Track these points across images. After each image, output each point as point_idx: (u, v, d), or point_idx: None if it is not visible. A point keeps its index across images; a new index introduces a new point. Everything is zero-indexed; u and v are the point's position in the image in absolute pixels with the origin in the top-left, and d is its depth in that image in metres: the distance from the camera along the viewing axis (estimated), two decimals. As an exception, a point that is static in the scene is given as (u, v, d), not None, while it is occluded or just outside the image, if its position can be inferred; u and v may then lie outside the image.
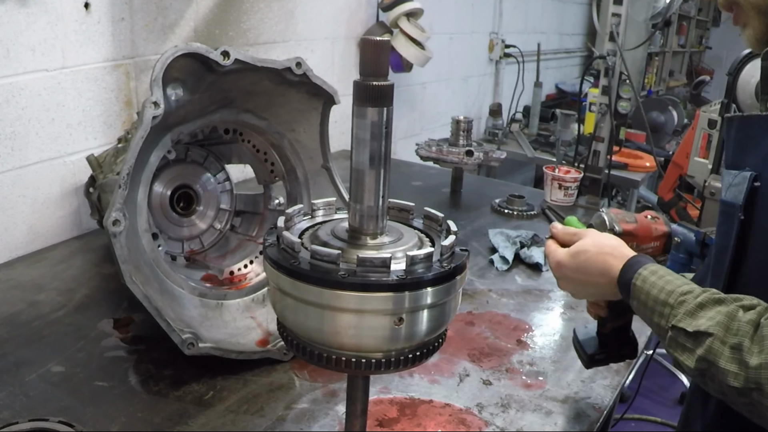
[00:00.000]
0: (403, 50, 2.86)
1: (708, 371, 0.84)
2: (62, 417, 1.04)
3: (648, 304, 0.93)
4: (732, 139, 1.02)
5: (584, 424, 1.20)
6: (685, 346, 0.86)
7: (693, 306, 0.87)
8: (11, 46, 1.63)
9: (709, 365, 0.83)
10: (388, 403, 1.23)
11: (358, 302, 0.78)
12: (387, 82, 0.81)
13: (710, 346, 0.83)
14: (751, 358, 0.79)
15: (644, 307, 0.94)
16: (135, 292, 1.14)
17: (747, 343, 0.80)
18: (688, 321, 0.86)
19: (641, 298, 0.95)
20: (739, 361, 0.80)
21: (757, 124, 0.96)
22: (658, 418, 3.26)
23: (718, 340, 0.82)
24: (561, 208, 2.36)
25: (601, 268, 1.03)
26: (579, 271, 1.07)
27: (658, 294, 0.92)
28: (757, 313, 0.82)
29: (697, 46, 8.97)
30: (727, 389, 0.82)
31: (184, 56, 1.17)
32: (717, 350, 0.82)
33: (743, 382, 0.80)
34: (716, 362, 0.82)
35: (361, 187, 0.85)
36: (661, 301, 0.91)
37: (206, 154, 1.60)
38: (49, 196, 1.83)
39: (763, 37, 0.98)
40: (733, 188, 0.96)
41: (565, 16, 5.47)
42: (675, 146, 3.82)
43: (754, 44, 1.01)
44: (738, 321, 0.82)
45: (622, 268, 1.00)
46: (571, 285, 1.11)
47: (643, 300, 0.94)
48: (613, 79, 2.36)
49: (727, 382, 0.81)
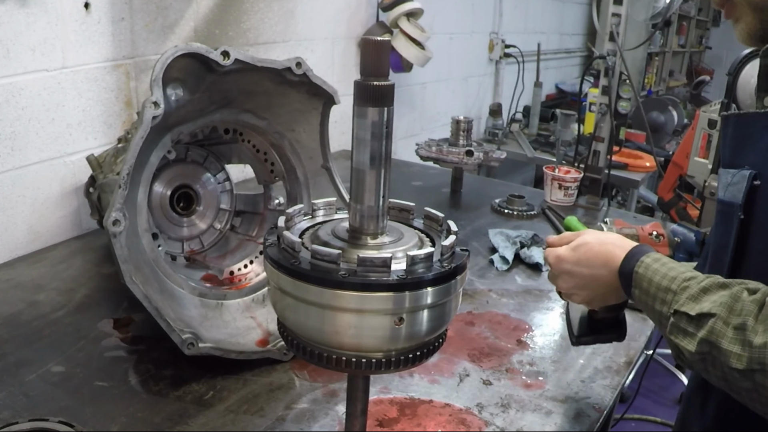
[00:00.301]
0: (403, 50, 2.86)
1: (709, 355, 0.82)
2: (62, 417, 1.04)
3: (650, 291, 0.92)
4: (729, 137, 1.00)
5: (584, 424, 1.20)
6: (687, 331, 0.85)
7: (696, 290, 0.86)
8: (11, 46, 1.63)
9: (711, 347, 0.81)
10: (388, 403, 1.23)
11: (359, 302, 0.78)
12: (388, 82, 0.82)
13: (712, 326, 0.81)
14: (755, 337, 0.77)
15: (646, 295, 0.93)
16: (135, 292, 1.14)
17: (751, 322, 0.78)
18: (690, 305, 0.85)
19: (643, 285, 0.93)
20: (743, 341, 0.78)
21: (755, 122, 0.95)
22: (658, 418, 3.26)
23: (721, 321, 0.81)
24: (561, 208, 2.36)
25: (604, 258, 1.02)
26: (580, 263, 1.05)
27: (660, 280, 0.91)
28: (762, 294, 0.80)
29: (697, 46, 8.98)
30: (729, 373, 0.80)
31: (184, 56, 1.17)
32: (719, 331, 0.80)
33: (746, 363, 0.77)
34: (718, 343, 0.80)
35: (361, 187, 0.85)
36: (664, 288, 0.90)
37: (206, 154, 1.60)
38: (49, 196, 1.83)
39: (756, 33, 0.97)
40: (731, 187, 0.95)
41: (565, 16, 5.47)
42: (675, 146, 3.82)
43: (746, 39, 0.99)
44: (742, 301, 0.81)
45: (625, 257, 0.99)
46: (571, 280, 1.08)
47: (645, 288, 0.93)
48: (613, 79, 2.36)
49: (729, 364, 0.79)
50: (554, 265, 1.10)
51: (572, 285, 1.09)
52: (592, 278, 1.05)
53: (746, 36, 0.98)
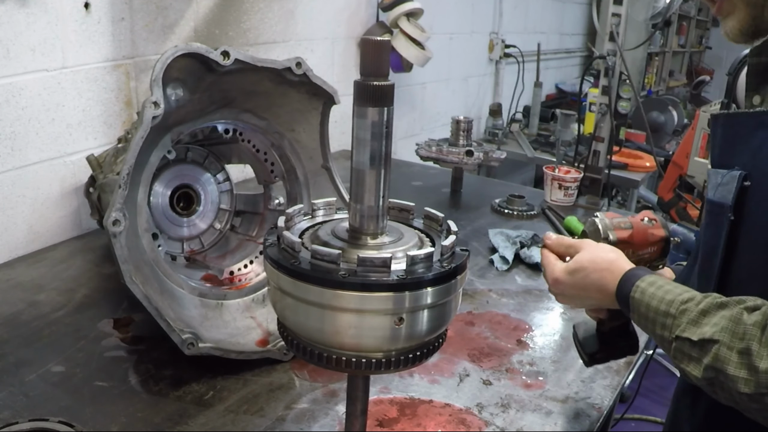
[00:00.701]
0: (403, 50, 2.86)
1: (716, 380, 0.81)
2: (62, 417, 1.04)
3: (649, 316, 0.91)
4: (718, 137, 0.99)
5: (584, 424, 1.20)
6: (691, 356, 0.84)
7: (696, 314, 0.85)
8: (11, 46, 1.63)
9: (717, 373, 0.81)
10: (388, 403, 1.23)
11: (359, 302, 0.78)
12: (388, 82, 0.82)
13: (716, 353, 0.80)
14: (761, 361, 0.77)
15: (645, 320, 0.92)
16: (135, 292, 1.14)
17: (755, 347, 0.78)
18: (692, 330, 0.84)
19: (641, 310, 0.93)
20: (749, 366, 0.78)
21: (744, 122, 0.94)
22: (658, 418, 3.26)
23: (725, 347, 0.80)
24: (561, 208, 2.35)
25: (599, 284, 1.02)
26: (577, 287, 1.06)
27: (658, 305, 0.90)
28: (762, 315, 0.80)
29: (697, 46, 8.98)
30: (738, 397, 0.79)
31: (184, 56, 1.17)
32: (724, 357, 0.80)
33: (754, 388, 0.77)
34: (724, 369, 0.79)
35: (361, 187, 0.85)
36: (663, 312, 0.89)
37: (206, 154, 1.60)
38: (49, 196, 1.83)
39: (748, 29, 0.94)
40: (721, 188, 0.94)
41: (565, 16, 5.47)
42: (675, 146, 3.83)
43: (737, 35, 0.95)
44: (743, 324, 0.80)
45: (619, 283, 0.98)
46: (570, 301, 1.12)
47: (643, 313, 0.92)
48: (613, 79, 2.37)
49: (738, 389, 0.78)
50: (551, 286, 1.12)
51: (570, 304, 1.15)
52: (589, 300, 1.08)
53: (737, 32, 0.95)
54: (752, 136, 0.91)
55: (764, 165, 0.89)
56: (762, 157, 0.89)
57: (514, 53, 4.34)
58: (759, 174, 0.89)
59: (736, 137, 0.95)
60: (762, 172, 0.89)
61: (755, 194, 0.90)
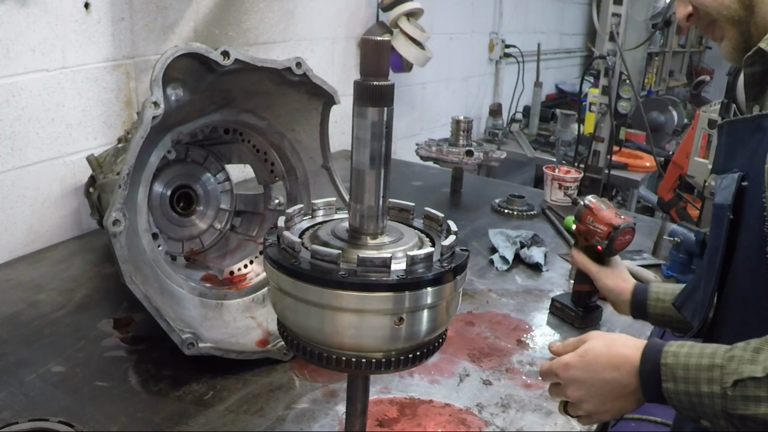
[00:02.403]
0: (403, 50, 2.86)
1: None
2: (62, 417, 1.04)
3: (689, 376, 0.85)
4: (722, 144, 1.05)
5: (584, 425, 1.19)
6: (758, 396, 0.79)
7: (749, 354, 0.82)
8: (11, 46, 1.63)
9: None
10: (388, 403, 1.23)
11: (359, 302, 0.78)
12: (387, 82, 0.82)
13: None
14: None
15: (685, 383, 0.86)
16: (135, 292, 1.14)
17: None
18: (752, 368, 0.80)
19: (679, 373, 0.86)
20: None
21: (744, 127, 0.99)
22: (658, 418, 3.25)
23: None
24: (561, 208, 2.35)
25: (616, 361, 0.94)
26: (590, 368, 0.96)
27: (699, 361, 0.85)
28: None
29: (697, 46, 8.97)
30: None
31: (184, 56, 1.17)
32: None
33: None
34: None
35: (361, 187, 0.85)
36: (706, 366, 0.84)
37: (206, 154, 1.60)
38: (49, 196, 1.83)
39: (741, 46, 1.02)
40: (723, 190, 0.98)
41: (565, 16, 5.47)
42: (675, 146, 3.82)
43: (732, 55, 1.04)
44: None
45: (643, 354, 0.92)
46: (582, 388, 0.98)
47: (681, 375, 0.86)
48: (613, 79, 2.37)
49: None
50: (562, 373, 1.00)
51: (583, 393, 0.98)
52: (604, 383, 0.95)
53: (732, 51, 1.04)
54: (750, 140, 0.96)
55: (759, 165, 0.92)
56: (757, 158, 0.93)
57: (514, 53, 4.34)
58: (754, 174, 0.94)
59: (738, 142, 1.00)
60: (757, 172, 0.93)
61: (751, 193, 0.94)
